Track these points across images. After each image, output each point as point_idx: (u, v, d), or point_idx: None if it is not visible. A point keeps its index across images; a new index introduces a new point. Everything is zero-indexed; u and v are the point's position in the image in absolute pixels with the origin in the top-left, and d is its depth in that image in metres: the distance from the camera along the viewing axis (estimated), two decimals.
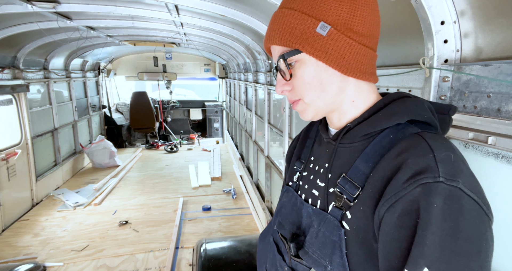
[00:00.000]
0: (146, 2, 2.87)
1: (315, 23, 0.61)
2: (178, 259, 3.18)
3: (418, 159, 0.53)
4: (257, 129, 4.74)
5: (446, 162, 0.52)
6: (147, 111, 8.04)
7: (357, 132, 0.66)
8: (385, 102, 0.66)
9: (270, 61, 3.67)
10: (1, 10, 2.72)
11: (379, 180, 0.57)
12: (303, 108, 0.70)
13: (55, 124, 5.25)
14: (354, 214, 0.61)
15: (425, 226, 0.49)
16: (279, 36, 0.65)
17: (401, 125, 0.62)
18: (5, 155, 3.89)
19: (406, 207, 0.51)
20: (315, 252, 0.67)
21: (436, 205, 0.48)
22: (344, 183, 0.64)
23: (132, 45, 5.68)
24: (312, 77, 0.65)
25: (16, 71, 4.20)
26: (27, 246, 3.42)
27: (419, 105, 0.64)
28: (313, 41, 0.62)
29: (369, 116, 0.66)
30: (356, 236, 0.60)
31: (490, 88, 0.87)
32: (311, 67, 0.64)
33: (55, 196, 4.75)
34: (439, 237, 0.48)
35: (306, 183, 0.77)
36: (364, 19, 0.63)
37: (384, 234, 0.55)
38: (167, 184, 5.36)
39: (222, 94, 9.41)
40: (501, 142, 0.84)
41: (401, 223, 0.52)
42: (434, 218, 0.48)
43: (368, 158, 0.62)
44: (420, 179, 0.51)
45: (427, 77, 1.04)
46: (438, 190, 0.49)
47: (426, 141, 0.56)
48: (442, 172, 0.50)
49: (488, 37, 0.90)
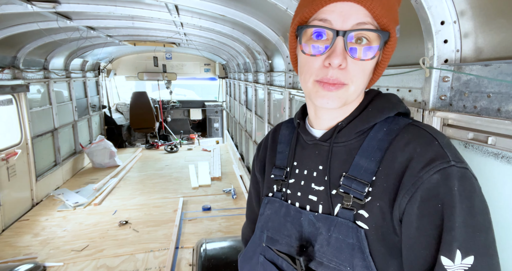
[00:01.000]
0: (146, 2, 2.87)
1: (396, 23, 0.61)
2: (178, 259, 3.18)
3: (426, 147, 0.55)
4: (257, 129, 4.74)
5: (450, 147, 0.56)
6: (147, 111, 8.04)
7: (351, 129, 0.65)
8: (369, 99, 0.69)
9: (270, 61, 3.67)
10: (1, 10, 2.72)
11: (391, 174, 0.58)
12: (341, 95, 0.61)
13: (55, 124, 5.25)
14: (370, 211, 0.59)
15: (452, 210, 0.51)
16: (386, 8, 0.57)
17: (389, 118, 0.65)
18: (5, 155, 3.89)
19: (424, 195, 0.53)
20: (332, 260, 0.62)
21: (456, 188, 0.51)
22: (348, 182, 0.62)
23: (132, 45, 5.67)
24: (371, 70, 0.63)
25: (16, 71, 4.20)
26: (27, 246, 3.42)
27: (397, 99, 0.68)
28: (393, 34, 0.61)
29: (359, 114, 0.67)
30: (376, 234, 0.59)
31: (490, 88, 0.87)
32: (376, 60, 0.62)
33: (55, 196, 4.75)
34: (462, 217, 0.50)
35: (298, 190, 0.72)
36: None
37: (407, 225, 0.55)
38: (167, 184, 5.36)
39: (222, 94, 9.41)
40: (501, 142, 0.84)
41: (422, 211, 0.53)
42: (456, 200, 0.51)
43: (368, 154, 0.62)
44: (436, 166, 0.53)
45: (427, 77, 1.04)
46: (453, 173, 0.52)
47: (425, 130, 0.59)
48: (451, 157, 0.53)
49: (488, 37, 0.90)
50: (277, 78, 3.47)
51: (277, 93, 3.58)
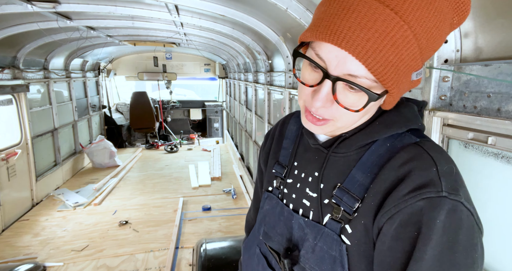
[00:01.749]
0: (146, 2, 2.87)
1: (418, 67, 0.52)
2: (178, 259, 3.18)
3: (421, 172, 0.52)
4: (257, 129, 4.74)
5: (449, 175, 0.52)
6: (147, 111, 8.04)
7: (353, 141, 0.62)
8: (380, 111, 0.63)
9: (270, 61, 3.67)
10: (1, 10, 2.72)
11: (380, 192, 0.56)
12: (326, 128, 0.60)
13: (55, 124, 5.25)
14: (355, 228, 0.59)
15: (426, 241, 0.48)
16: (381, 63, 0.48)
17: (396, 134, 0.60)
18: (5, 155, 3.89)
19: (404, 219, 0.51)
20: (313, 268, 0.63)
21: (438, 220, 0.48)
22: (341, 194, 0.61)
23: (132, 45, 5.67)
24: (365, 111, 0.57)
25: (16, 71, 4.20)
26: (27, 246, 3.42)
27: (412, 112, 0.62)
28: (403, 85, 0.53)
29: (365, 126, 0.63)
30: (357, 250, 0.58)
31: (490, 88, 0.87)
32: (372, 105, 0.56)
33: (55, 196, 4.75)
34: (438, 251, 0.48)
35: (294, 192, 0.72)
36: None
37: (380, 243, 0.54)
38: (167, 184, 5.36)
39: (222, 94, 9.41)
40: (501, 142, 0.84)
41: (398, 235, 0.51)
42: (435, 233, 0.48)
43: (366, 168, 0.60)
44: (423, 193, 0.50)
45: (427, 77, 1.04)
46: (441, 205, 0.49)
47: (428, 153, 0.54)
48: (444, 187, 0.50)
49: (488, 37, 0.90)
50: (277, 78, 3.47)
51: (277, 93, 3.58)
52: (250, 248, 0.84)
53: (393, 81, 0.50)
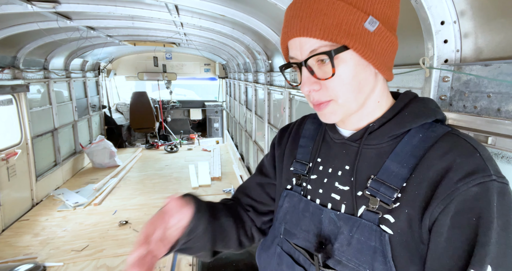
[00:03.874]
0: (146, 2, 2.87)
1: (364, 17, 0.56)
2: (178, 259, 3.17)
3: (467, 159, 0.54)
4: (257, 129, 4.74)
5: (491, 160, 0.54)
6: (147, 111, 8.04)
7: (384, 132, 0.63)
8: (405, 102, 0.65)
9: (270, 61, 3.67)
10: (1, 10, 2.72)
11: (425, 182, 0.56)
12: (333, 110, 0.63)
13: (55, 124, 5.25)
14: (397, 217, 0.58)
15: (488, 225, 0.50)
16: (321, 28, 0.56)
17: (426, 124, 0.62)
18: (5, 155, 3.89)
19: (459, 207, 0.52)
20: (351, 260, 0.62)
21: (495, 203, 0.50)
22: (377, 185, 0.61)
23: (132, 45, 5.67)
24: (353, 77, 0.59)
25: (16, 71, 4.20)
26: (27, 246, 3.42)
27: (435, 104, 0.66)
28: (361, 38, 0.56)
29: (393, 116, 0.64)
30: (400, 240, 0.58)
31: (490, 88, 0.87)
32: (353, 66, 0.59)
33: (55, 196, 4.75)
34: (497, 234, 0.50)
35: (320, 187, 0.72)
36: (398, 13, 0.61)
37: (436, 235, 0.54)
38: (167, 184, 5.36)
39: (222, 94, 9.41)
40: (501, 142, 0.84)
41: (455, 223, 0.52)
42: (494, 216, 0.50)
43: (401, 159, 0.60)
44: (476, 179, 0.51)
45: (427, 77, 1.04)
46: (494, 188, 0.51)
47: (466, 141, 0.57)
48: (493, 171, 0.52)
49: (488, 37, 0.90)
50: (277, 78, 3.47)
51: (277, 93, 3.58)
52: (268, 248, 0.81)
53: (341, 36, 0.56)
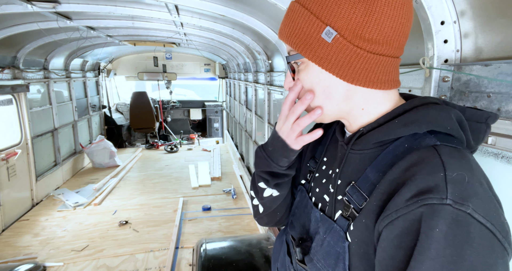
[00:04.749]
0: (146, 2, 2.87)
1: (322, 27, 0.56)
2: (178, 259, 3.18)
3: (426, 176, 0.49)
4: (257, 129, 4.74)
5: (458, 182, 0.47)
6: (147, 111, 8.04)
7: (369, 138, 0.61)
8: (406, 108, 0.60)
9: (270, 61, 3.67)
10: (1, 10, 2.72)
11: (383, 193, 0.54)
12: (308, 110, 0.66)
13: (55, 124, 5.25)
14: (356, 226, 0.58)
15: (422, 250, 0.45)
16: (287, 34, 0.61)
17: (418, 135, 0.57)
18: (5, 155, 3.89)
19: (406, 226, 0.48)
20: (319, 260, 0.64)
21: (438, 229, 0.45)
22: (352, 192, 0.60)
23: (132, 45, 5.67)
24: (315, 83, 0.61)
25: (16, 71, 4.20)
26: (27, 246, 3.42)
27: (443, 114, 0.57)
28: (317, 48, 0.57)
29: (384, 122, 0.61)
30: (357, 250, 0.58)
31: (490, 88, 0.87)
32: (314, 73, 0.60)
33: (55, 196, 4.75)
34: (439, 264, 0.44)
35: (318, 186, 0.74)
36: (382, 24, 0.55)
37: (381, 251, 0.52)
38: (167, 184, 5.36)
39: (222, 94, 9.41)
40: (501, 142, 0.84)
41: (399, 243, 0.49)
42: (434, 243, 0.45)
43: (379, 168, 0.58)
44: (425, 199, 0.47)
45: (427, 77, 1.04)
46: (443, 213, 0.45)
47: (439, 157, 0.51)
48: (450, 194, 0.46)
49: (488, 37, 0.90)
50: (277, 78, 3.47)
51: (277, 93, 3.58)
52: (281, 235, 0.88)
53: (299, 44, 0.59)
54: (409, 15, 0.58)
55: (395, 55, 0.59)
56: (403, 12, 0.56)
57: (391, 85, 0.61)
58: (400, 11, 0.55)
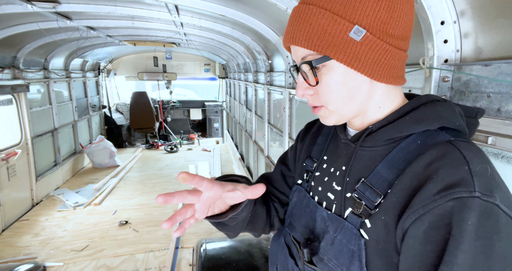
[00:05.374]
0: (146, 2, 2.87)
1: (349, 27, 0.55)
2: (178, 259, 3.18)
3: (451, 170, 0.49)
4: (257, 129, 4.74)
5: (483, 175, 0.48)
6: (147, 111, 8.04)
7: (380, 135, 0.61)
8: (413, 106, 0.61)
9: (270, 61, 3.67)
10: (1, 10, 2.72)
11: (405, 189, 0.54)
12: (325, 115, 0.65)
13: (55, 124, 5.25)
14: (374, 223, 0.57)
15: (456, 243, 0.46)
16: (305, 39, 0.58)
17: (429, 131, 0.58)
18: (5, 155, 3.89)
19: (434, 221, 0.48)
20: (331, 260, 0.63)
21: (470, 222, 0.45)
22: (363, 189, 0.60)
23: (132, 45, 5.67)
24: (340, 85, 0.60)
25: (16, 71, 4.20)
26: (27, 246, 3.42)
27: (449, 111, 0.59)
28: (345, 48, 0.56)
29: (394, 120, 0.61)
30: (375, 247, 0.57)
31: (490, 88, 0.87)
32: (340, 74, 0.59)
33: (55, 196, 4.75)
34: (471, 256, 0.45)
35: (320, 184, 0.73)
36: (402, 19, 0.57)
37: (407, 248, 0.52)
38: (167, 184, 5.36)
39: (222, 94, 9.41)
40: (501, 142, 0.84)
41: (428, 238, 0.49)
42: (467, 235, 0.45)
43: (392, 164, 0.58)
44: (454, 193, 0.47)
45: (427, 77, 1.04)
46: (474, 206, 0.46)
47: (460, 151, 0.51)
48: (478, 186, 0.47)
49: (488, 37, 0.90)
50: (277, 78, 3.47)
51: (277, 93, 3.58)
52: (278, 238, 0.87)
53: (323, 46, 0.57)
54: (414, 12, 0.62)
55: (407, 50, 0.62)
56: (413, 8, 0.60)
57: (404, 80, 0.64)
58: (412, 7, 0.59)
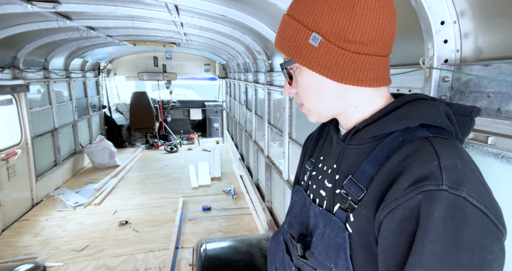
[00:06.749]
0: (146, 2, 2.88)
1: (308, 34, 0.62)
2: (178, 259, 3.18)
3: (422, 165, 0.52)
4: (257, 129, 4.74)
5: (452, 169, 0.50)
6: (147, 111, 8.04)
7: (365, 133, 0.65)
8: (397, 104, 0.64)
9: (270, 61, 3.67)
10: (1, 10, 2.72)
11: (382, 184, 0.57)
12: (306, 112, 0.73)
13: (55, 124, 5.25)
14: (356, 217, 0.61)
15: (423, 234, 0.48)
16: (280, 44, 0.68)
17: (411, 128, 0.61)
18: (5, 155, 3.89)
19: (406, 213, 0.51)
20: (321, 253, 0.67)
21: (437, 213, 0.48)
22: (350, 184, 0.64)
23: (132, 45, 5.68)
24: (309, 86, 0.67)
25: (16, 71, 4.20)
26: (27, 246, 3.42)
27: (432, 109, 0.61)
28: (305, 53, 0.63)
29: (379, 118, 0.65)
30: (358, 239, 0.60)
31: (490, 88, 0.87)
32: (308, 76, 0.66)
33: (55, 196, 4.75)
34: (439, 247, 0.47)
35: (315, 183, 0.78)
36: (364, 26, 0.59)
37: (383, 240, 0.54)
38: (167, 184, 5.36)
39: (222, 94, 9.41)
40: (501, 142, 0.84)
41: (401, 230, 0.51)
42: (434, 227, 0.47)
43: (375, 160, 0.62)
44: (422, 186, 0.50)
45: (427, 77, 1.04)
46: (440, 198, 0.48)
47: (433, 147, 0.54)
48: (445, 180, 0.49)
49: (488, 37, 0.90)
50: (277, 78, 3.47)
51: (277, 93, 3.58)
52: (276, 237, 0.91)
53: (290, 51, 0.65)
54: (391, 15, 0.62)
55: (382, 54, 0.64)
56: (384, 13, 0.60)
57: (380, 82, 0.65)
58: (380, 12, 0.60)
